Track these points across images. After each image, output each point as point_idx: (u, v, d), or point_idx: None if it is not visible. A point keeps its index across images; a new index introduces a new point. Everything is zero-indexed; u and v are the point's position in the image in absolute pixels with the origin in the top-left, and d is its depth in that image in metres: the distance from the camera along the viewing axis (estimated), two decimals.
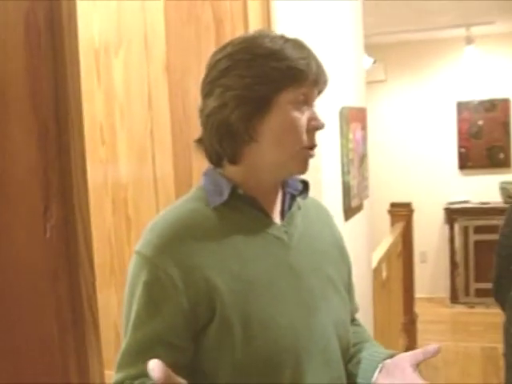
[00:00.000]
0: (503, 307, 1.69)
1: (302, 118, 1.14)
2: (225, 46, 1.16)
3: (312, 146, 1.16)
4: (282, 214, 1.23)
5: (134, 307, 1.11)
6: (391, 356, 1.21)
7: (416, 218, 5.12)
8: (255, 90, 1.10)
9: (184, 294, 1.08)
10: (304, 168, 1.18)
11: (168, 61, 2.00)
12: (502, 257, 1.69)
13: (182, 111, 2.04)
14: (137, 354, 1.09)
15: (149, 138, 2.05)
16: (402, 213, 4.90)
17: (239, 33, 1.98)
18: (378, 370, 1.20)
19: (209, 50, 2.02)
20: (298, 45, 1.14)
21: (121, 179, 2.13)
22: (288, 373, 1.11)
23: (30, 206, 0.65)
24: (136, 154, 2.09)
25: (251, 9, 1.95)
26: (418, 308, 5.14)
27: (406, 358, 1.16)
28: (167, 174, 2.07)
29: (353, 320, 1.38)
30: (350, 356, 1.28)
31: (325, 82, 1.18)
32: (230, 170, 1.19)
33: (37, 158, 0.64)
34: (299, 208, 1.27)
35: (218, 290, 1.09)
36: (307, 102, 1.15)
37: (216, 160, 1.20)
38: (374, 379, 1.19)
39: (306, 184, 1.27)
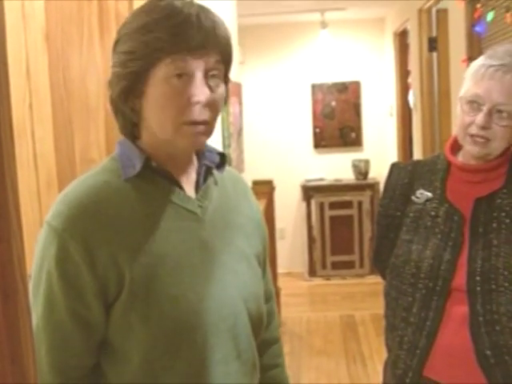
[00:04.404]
0: (383, 273, 1.77)
1: (179, 92, 1.06)
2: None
3: (196, 122, 1.08)
4: (197, 188, 1.20)
5: (44, 281, 1.08)
6: None
7: (275, 195, 5.30)
8: (128, 66, 1.07)
9: (93, 268, 1.06)
10: (191, 143, 1.12)
11: (48, 30, 1.91)
12: (381, 225, 1.75)
13: (62, 83, 1.96)
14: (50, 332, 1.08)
15: (27, 112, 1.95)
16: (264, 190, 5.03)
17: (122, 1, 1.93)
18: None
19: (91, 20, 1.96)
20: (176, 12, 1.05)
21: None
22: (195, 348, 1.12)
23: None
24: (14, 128, 1.97)
25: None
26: (279, 283, 5.33)
27: None
28: (47, 149, 1.99)
29: (268, 301, 1.37)
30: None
31: (215, 49, 1.08)
32: (142, 141, 1.16)
33: None
34: (215, 182, 1.23)
35: (127, 264, 1.08)
36: (189, 74, 1.07)
37: (130, 131, 1.17)
38: None
39: (223, 156, 1.23)
